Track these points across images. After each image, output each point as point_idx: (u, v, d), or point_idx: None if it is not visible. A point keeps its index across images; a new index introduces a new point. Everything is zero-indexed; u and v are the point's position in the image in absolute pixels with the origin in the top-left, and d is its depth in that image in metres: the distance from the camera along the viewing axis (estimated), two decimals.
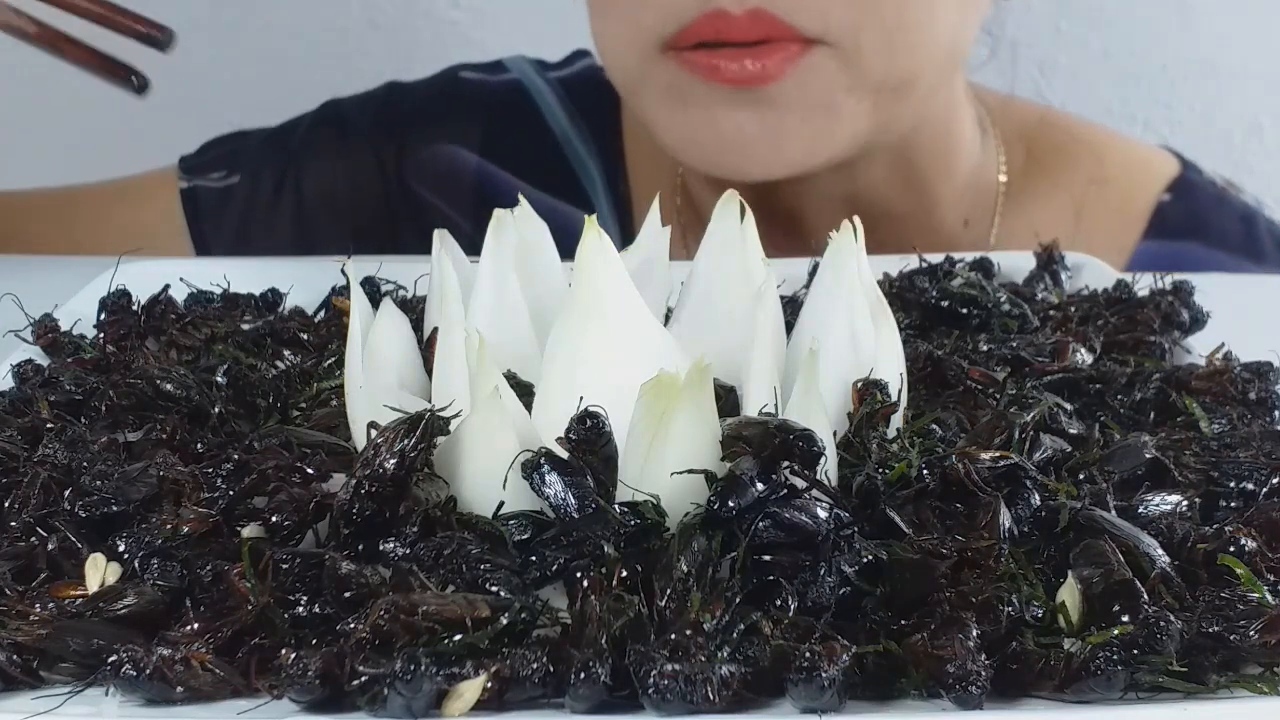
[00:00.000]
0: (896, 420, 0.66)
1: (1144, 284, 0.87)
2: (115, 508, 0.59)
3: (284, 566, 0.55)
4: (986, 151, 1.20)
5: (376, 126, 1.26)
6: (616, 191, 1.22)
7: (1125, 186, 1.20)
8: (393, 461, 0.57)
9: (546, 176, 1.22)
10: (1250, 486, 0.63)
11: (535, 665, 0.50)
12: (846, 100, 1.03)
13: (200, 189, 1.25)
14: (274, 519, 0.58)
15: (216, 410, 0.69)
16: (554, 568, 0.55)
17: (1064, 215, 1.16)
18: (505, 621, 0.51)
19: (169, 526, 0.57)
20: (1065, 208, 1.17)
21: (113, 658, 0.51)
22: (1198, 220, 1.18)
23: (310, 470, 0.61)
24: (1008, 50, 1.24)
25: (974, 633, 0.51)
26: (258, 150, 1.27)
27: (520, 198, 0.74)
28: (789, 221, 1.12)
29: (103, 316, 0.83)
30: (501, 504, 0.58)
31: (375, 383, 0.65)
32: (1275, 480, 0.63)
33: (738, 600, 0.52)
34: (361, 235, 1.23)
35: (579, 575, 0.54)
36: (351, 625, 0.51)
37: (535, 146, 1.24)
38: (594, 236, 0.62)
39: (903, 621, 0.53)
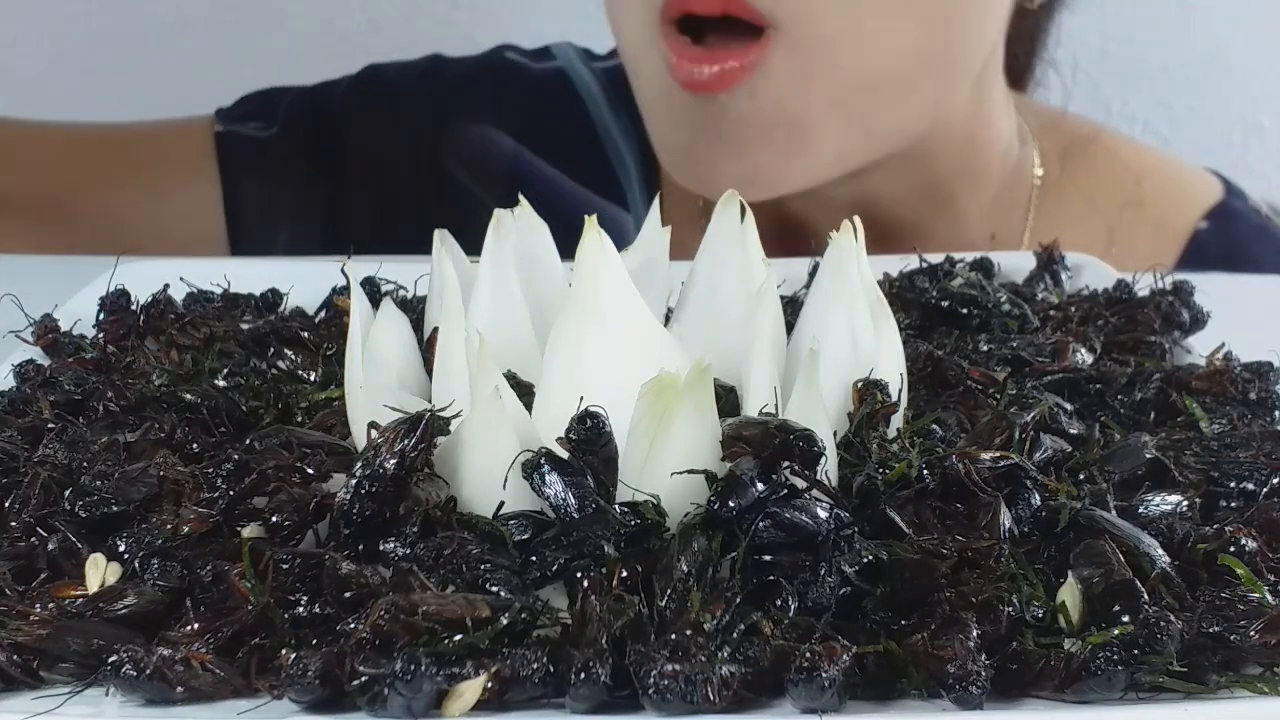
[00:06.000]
0: (896, 420, 0.66)
1: (1144, 284, 0.87)
2: (115, 508, 0.59)
3: (284, 566, 0.55)
4: (1023, 165, 1.17)
5: (416, 95, 1.25)
6: (652, 187, 1.21)
7: (1162, 211, 1.17)
8: (393, 461, 0.57)
9: (583, 167, 1.22)
10: (1250, 486, 0.63)
11: (535, 665, 0.50)
12: (809, 111, 1.00)
13: (235, 134, 1.23)
14: (274, 519, 0.58)
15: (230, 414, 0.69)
16: (554, 568, 0.55)
17: (1097, 237, 1.13)
18: (505, 621, 0.51)
19: (169, 526, 0.57)
20: (1098, 229, 1.15)
21: (113, 658, 0.51)
22: (1235, 250, 1.15)
23: (310, 470, 0.61)
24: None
25: (974, 633, 0.51)
26: (294, 107, 1.26)
27: (520, 198, 0.74)
28: (798, 227, 1.11)
29: (102, 316, 0.83)
30: (501, 504, 0.58)
31: (375, 383, 0.65)
32: (1275, 480, 0.63)
33: (738, 600, 0.52)
34: (390, 204, 1.22)
35: (579, 575, 0.54)
36: (351, 625, 0.51)
37: (574, 136, 1.23)
38: (594, 236, 0.62)
39: (903, 621, 0.53)
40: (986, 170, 1.15)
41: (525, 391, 0.63)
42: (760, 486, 0.55)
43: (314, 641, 0.52)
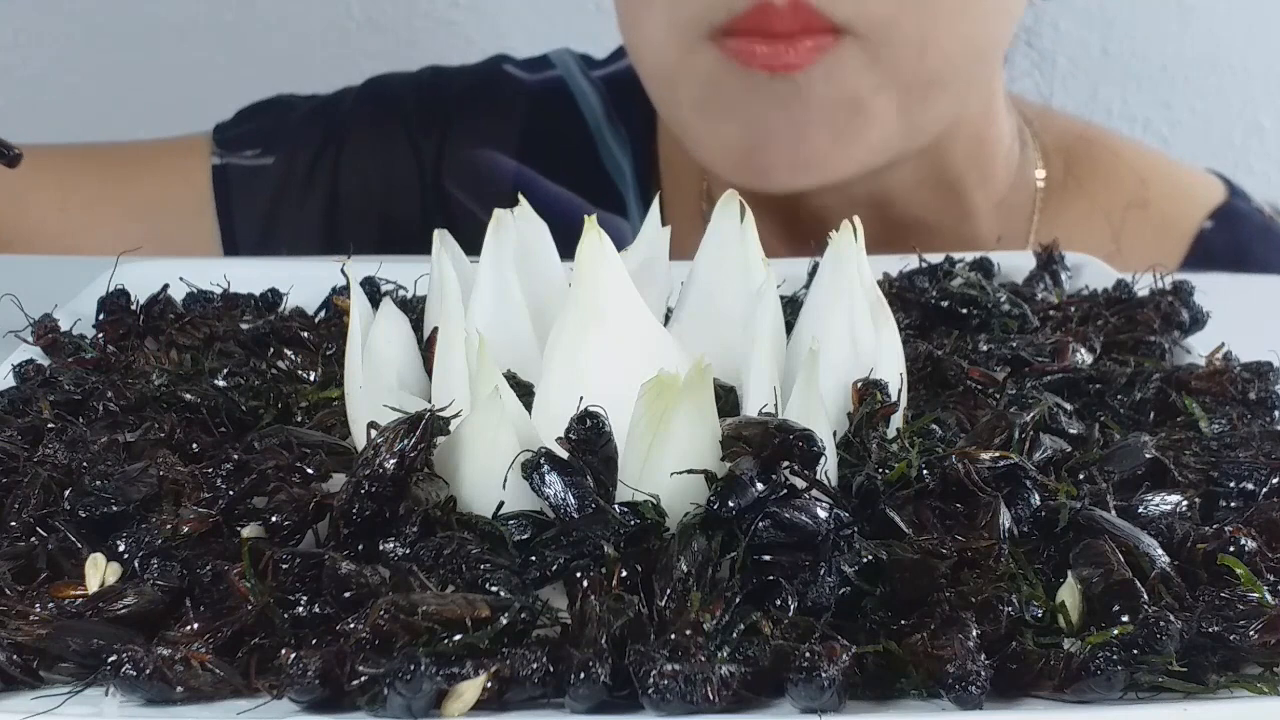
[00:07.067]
0: (896, 420, 0.66)
1: (1144, 284, 0.87)
2: (115, 508, 0.59)
3: (284, 566, 0.55)
4: (1025, 165, 1.18)
5: (419, 113, 1.25)
6: (649, 196, 1.21)
7: (1167, 211, 1.18)
8: (393, 461, 0.57)
9: (582, 178, 1.22)
10: (1250, 486, 0.63)
11: (535, 665, 0.50)
12: (874, 99, 1.03)
13: (232, 167, 1.23)
14: (274, 519, 0.58)
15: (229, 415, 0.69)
16: (554, 568, 0.55)
17: (1102, 236, 1.15)
18: (505, 621, 0.51)
19: (169, 526, 0.57)
20: (1103, 228, 1.16)
21: (113, 658, 0.51)
22: (1240, 250, 1.16)
23: (310, 470, 0.61)
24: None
25: (974, 633, 0.51)
26: (296, 129, 1.26)
27: (520, 197, 0.74)
28: (814, 223, 1.11)
29: (102, 316, 0.83)
30: (501, 504, 0.58)
31: (375, 383, 0.65)
32: (1275, 480, 0.63)
33: (738, 600, 0.52)
34: (392, 227, 1.22)
35: (579, 575, 0.54)
36: (351, 625, 0.51)
37: (573, 147, 1.24)
38: (594, 237, 0.62)
39: (903, 621, 0.53)
40: (993, 167, 1.16)
41: (525, 391, 0.63)
42: (760, 486, 0.55)
43: (314, 641, 0.52)
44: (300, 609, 0.54)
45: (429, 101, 1.26)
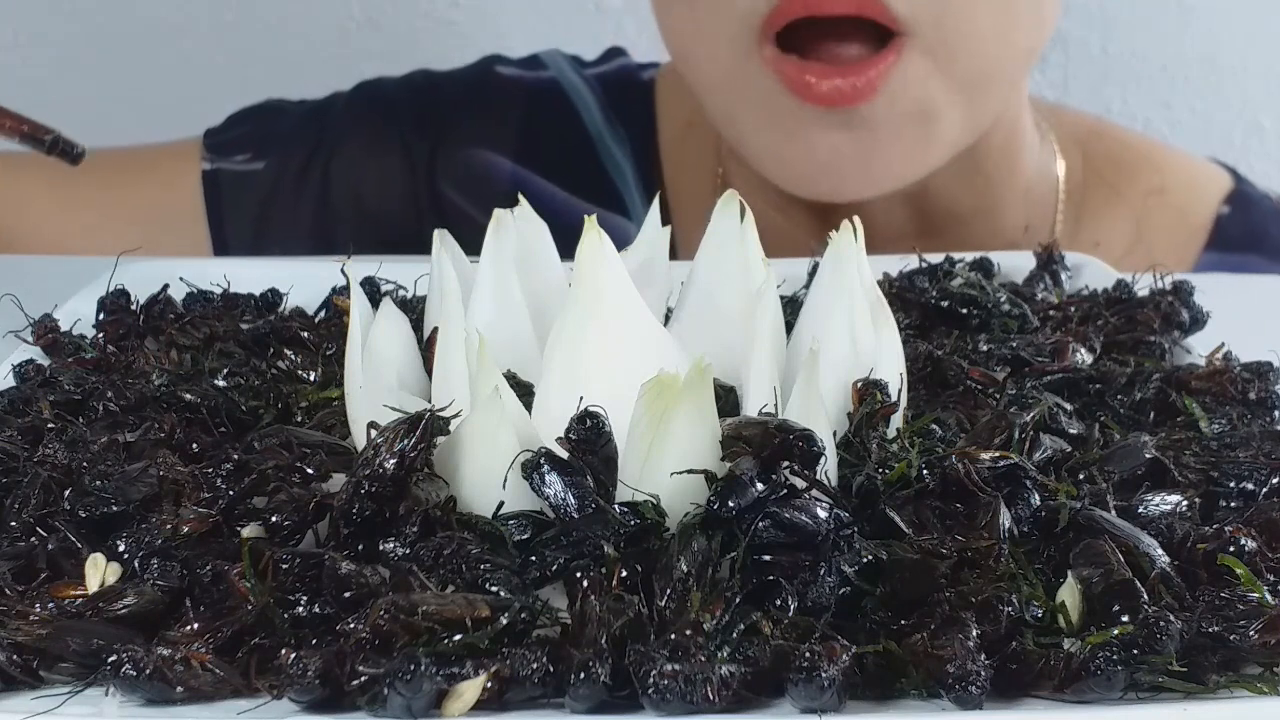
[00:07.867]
0: (896, 420, 0.66)
1: (1144, 284, 0.87)
2: (115, 508, 0.59)
3: (284, 566, 0.55)
4: (1045, 157, 1.20)
5: (412, 116, 1.25)
6: (650, 192, 1.21)
7: (1184, 199, 1.20)
8: (392, 461, 0.57)
9: (581, 179, 1.21)
10: (1250, 486, 0.63)
11: (535, 665, 0.50)
12: (940, 104, 1.03)
13: (223, 172, 1.22)
14: (274, 519, 0.58)
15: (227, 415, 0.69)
16: (554, 568, 0.55)
17: (1125, 225, 1.16)
18: (505, 621, 0.51)
19: (169, 526, 0.57)
20: (1126, 218, 1.17)
21: (113, 658, 0.51)
22: (1256, 233, 1.18)
23: (310, 470, 0.61)
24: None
25: (974, 633, 0.51)
26: (287, 134, 1.25)
27: (520, 197, 0.74)
28: (848, 215, 1.12)
29: (102, 316, 0.83)
30: (501, 504, 0.58)
31: (375, 383, 0.65)
32: (1275, 480, 0.63)
33: (738, 600, 0.52)
34: (385, 231, 1.22)
35: (579, 575, 0.54)
36: (351, 625, 0.51)
37: (570, 147, 1.23)
38: (594, 236, 0.62)
39: (903, 621, 0.53)
40: (1020, 159, 1.18)
41: (525, 391, 0.63)
42: (760, 486, 0.55)
43: (314, 641, 0.52)
44: (300, 609, 0.54)
45: (422, 104, 1.25)
